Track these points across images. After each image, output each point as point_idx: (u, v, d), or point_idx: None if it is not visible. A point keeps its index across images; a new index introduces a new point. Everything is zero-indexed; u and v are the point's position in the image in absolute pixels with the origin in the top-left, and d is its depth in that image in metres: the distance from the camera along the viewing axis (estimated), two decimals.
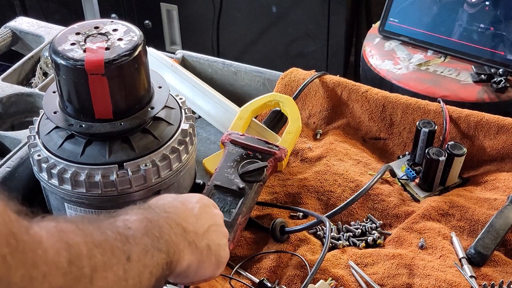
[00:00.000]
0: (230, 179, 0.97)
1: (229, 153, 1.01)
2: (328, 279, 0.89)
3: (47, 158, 0.92)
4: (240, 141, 1.02)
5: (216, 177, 0.98)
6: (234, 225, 0.93)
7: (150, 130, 0.94)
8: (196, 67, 1.32)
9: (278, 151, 1.02)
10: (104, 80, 0.87)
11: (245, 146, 1.02)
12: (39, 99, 1.19)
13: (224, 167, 0.99)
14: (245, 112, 1.10)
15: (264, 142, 1.03)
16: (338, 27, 2.20)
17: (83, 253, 0.57)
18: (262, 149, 1.01)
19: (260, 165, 0.98)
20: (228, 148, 1.02)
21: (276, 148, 1.02)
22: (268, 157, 1.01)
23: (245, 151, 1.01)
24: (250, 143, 1.02)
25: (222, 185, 0.97)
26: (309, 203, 1.03)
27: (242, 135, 1.04)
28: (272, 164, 1.01)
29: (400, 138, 1.15)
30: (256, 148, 1.01)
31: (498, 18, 1.53)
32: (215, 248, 0.78)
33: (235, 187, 0.96)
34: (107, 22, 0.94)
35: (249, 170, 0.98)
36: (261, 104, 1.11)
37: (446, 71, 1.53)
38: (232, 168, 0.99)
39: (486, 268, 0.92)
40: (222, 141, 1.03)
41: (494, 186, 1.05)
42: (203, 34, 2.43)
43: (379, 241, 0.98)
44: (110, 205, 0.92)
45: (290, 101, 1.12)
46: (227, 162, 1.00)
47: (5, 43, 1.39)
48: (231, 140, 1.02)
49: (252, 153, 1.01)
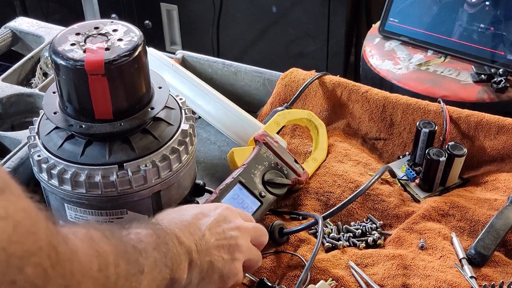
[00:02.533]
0: (254, 181, 0.98)
1: (260, 154, 1.01)
2: (328, 279, 0.89)
3: (47, 158, 0.92)
4: (274, 149, 1.02)
5: (243, 174, 0.98)
6: None
7: (150, 130, 0.94)
8: (196, 67, 1.32)
9: (303, 174, 1.03)
10: (104, 80, 0.87)
11: (277, 155, 1.02)
12: (39, 99, 1.19)
13: (252, 167, 0.99)
14: (282, 118, 1.10)
15: (293, 159, 1.04)
16: (338, 27, 2.20)
17: (110, 261, 0.59)
18: (290, 166, 1.02)
19: (285, 182, 1.00)
20: (261, 149, 1.02)
21: (301, 170, 1.03)
22: (292, 175, 1.02)
23: (275, 161, 1.02)
24: (281, 155, 1.03)
25: (246, 184, 0.97)
26: (309, 204, 1.03)
27: (276, 142, 1.04)
28: (293, 184, 1.02)
29: (400, 138, 1.15)
30: (286, 162, 1.02)
31: (498, 18, 1.53)
32: (218, 266, 0.78)
33: (257, 192, 0.97)
34: (107, 23, 0.94)
35: (274, 182, 0.99)
36: (298, 117, 1.12)
37: (446, 71, 1.53)
38: (258, 170, 0.99)
39: (486, 269, 0.92)
40: (255, 138, 1.03)
41: (495, 187, 1.05)
42: (203, 34, 2.43)
43: (379, 241, 0.98)
44: (110, 206, 0.92)
45: (323, 128, 1.13)
46: (255, 162, 1.00)
47: (5, 43, 1.39)
48: (265, 143, 1.02)
49: (280, 165, 1.02)
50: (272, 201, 0.98)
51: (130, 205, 0.93)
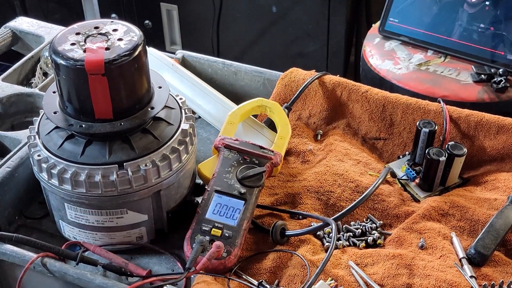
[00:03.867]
0: (230, 184, 0.97)
1: (225, 158, 1.01)
2: (328, 279, 0.89)
3: (47, 158, 0.92)
4: (236, 146, 1.02)
5: (216, 182, 0.98)
6: (240, 230, 0.93)
7: (150, 130, 0.94)
8: (196, 67, 1.32)
9: (274, 156, 1.02)
10: (104, 80, 0.87)
11: (241, 151, 1.02)
12: (39, 99, 1.19)
13: (222, 172, 0.99)
14: (235, 116, 1.10)
15: (258, 147, 1.03)
16: (338, 27, 2.20)
17: None
18: (258, 154, 1.02)
19: (259, 170, 0.98)
20: (224, 153, 1.02)
21: (271, 153, 1.02)
22: (264, 162, 1.01)
23: (241, 156, 1.01)
24: (245, 148, 1.02)
25: (222, 190, 0.97)
26: (309, 203, 1.03)
27: (236, 140, 1.03)
28: (269, 169, 1.01)
29: (400, 138, 1.15)
30: (252, 153, 1.02)
31: (498, 18, 1.53)
32: None
33: (236, 192, 0.96)
34: (107, 22, 0.94)
35: (249, 175, 0.98)
36: (248, 109, 1.12)
37: (446, 71, 1.53)
38: (230, 173, 0.99)
39: (486, 268, 0.92)
40: (215, 146, 1.03)
41: (494, 186, 1.05)
42: (203, 34, 2.43)
43: (379, 241, 0.98)
44: (110, 205, 0.93)
45: (277, 106, 1.12)
46: (224, 167, 1.00)
47: (5, 43, 1.39)
48: (225, 145, 1.02)
49: (248, 158, 1.01)
50: (256, 194, 0.97)
51: (130, 204, 0.93)
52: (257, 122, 1.13)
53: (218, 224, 0.93)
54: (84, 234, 0.96)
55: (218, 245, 0.89)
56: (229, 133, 1.06)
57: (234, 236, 0.92)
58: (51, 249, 0.92)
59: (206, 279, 0.88)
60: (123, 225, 0.95)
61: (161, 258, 0.98)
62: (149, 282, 0.88)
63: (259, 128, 1.12)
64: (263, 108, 1.12)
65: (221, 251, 0.89)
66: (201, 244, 0.89)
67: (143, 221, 0.96)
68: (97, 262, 0.92)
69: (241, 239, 0.92)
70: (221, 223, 0.93)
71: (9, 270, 0.98)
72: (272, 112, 1.12)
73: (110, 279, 0.90)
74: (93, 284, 0.89)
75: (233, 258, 0.91)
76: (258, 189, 0.98)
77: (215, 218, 0.94)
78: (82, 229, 0.96)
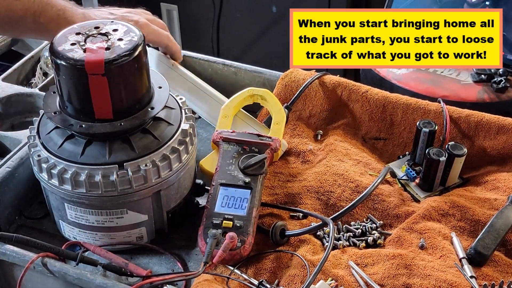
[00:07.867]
0: (233, 176, 0.98)
1: (225, 151, 1.02)
2: (328, 279, 0.89)
3: (47, 158, 0.92)
4: (234, 138, 1.03)
5: (219, 176, 0.99)
6: (250, 218, 0.94)
7: (150, 130, 0.94)
8: (196, 67, 1.32)
9: (272, 142, 1.04)
10: (104, 80, 0.87)
11: (240, 142, 1.03)
12: (39, 99, 1.19)
13: (224, 165, 1.00)
14: (228, 109, 1.11)
15: (256, 135, 1.04)
16: None
17: None
18: (257, 142, 1.03)
19: (260, 158, 1.00)
20: (223, 146, 1.03)
21: (269, 140, 1.04)
22: (264, 148, 1.02)
23: (241, 147, 1.02)
24: (243, 139, 1.03)
25: (227, 182, 0.98)
26: (309, 203, 1.03)
27: (233, 131, 1.05)
28: (270, 156, 1.02)
29: (400, 138, 1.15)
30: (251, 142, 1.03)
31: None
32: None
33: (241, 183, 0.97)
34: (107, 22, 0.94)
35: (251, 164, 0.99)
36: (240, 100, 1.13)
37: (446, 71, 1.53)
38: (232, 165, 1.00)
39: (486, 268, 0.92)
40: (213, 140, 1.04)
41: (494, 186, 1.05)
42: (203, 34, 2.43)
43: (379, 241, 0.98)
44: (110, 205, 0.93)
45: (268, 93, 1.13)
46: (225, 160, 1.01)
47: (5, 43, 1.39)
48: (223, 139, 1.03)
49: (248, 148, 1.02)
50: (261, 181, 0.99)
51: (130, 204, 0.93)
52: (248, 115, 1.14)
53: (228, 216, 0.94)
54: (84, 234, 0.96)
55: (232, 235, 0.90)
56: (225, 127, 1.07)
57: (245, 225, 0.93)
58: (51, 249, 0.92)
59: (208, 278, 0.88)
60: (123, 225, 0.95)
61: (161, 258, 0.98)
62: (149, 282, 0.88)
63: (250, 122, 1.13)
64: (254, 97, 1.13)
65: (235, 242, 0.90)
66: (215, 238, 0.89)
67: (143, 221, 0.96)
68: (97, 262, 0.92)
69: (253, 226, 0.93)
70: (231, 215, 0.94)
71: (9, 270, 0.98)
72: (264, 99, 1.13)
73: (110, 279, 0.90)
74: (93, 284, 0.89)
75: (247, 247, 0.91)
76: (262, 176, 0.99)
77: (224, 210, 0.95)
78: (82, 229, 0.96)
